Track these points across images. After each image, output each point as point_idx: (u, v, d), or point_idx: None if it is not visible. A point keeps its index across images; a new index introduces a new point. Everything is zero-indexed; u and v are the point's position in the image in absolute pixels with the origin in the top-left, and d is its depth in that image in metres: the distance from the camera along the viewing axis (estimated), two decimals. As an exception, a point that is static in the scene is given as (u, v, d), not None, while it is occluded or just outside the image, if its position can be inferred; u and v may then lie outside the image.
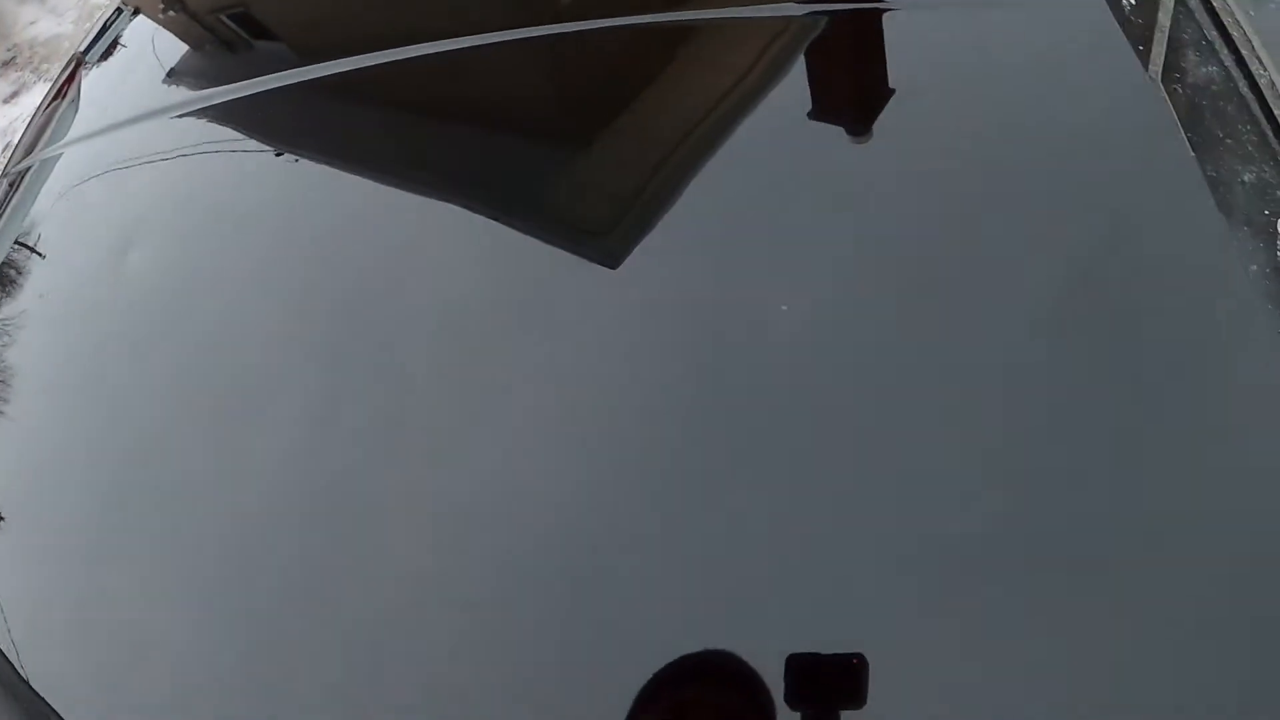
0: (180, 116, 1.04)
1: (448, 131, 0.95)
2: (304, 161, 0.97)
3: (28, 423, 0.85)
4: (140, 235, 0.94)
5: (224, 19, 1.33)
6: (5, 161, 1.36)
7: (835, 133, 0.76)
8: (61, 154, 1.14)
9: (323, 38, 1.19)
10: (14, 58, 3.81)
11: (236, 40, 1.30)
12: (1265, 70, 0.65)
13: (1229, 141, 0.63)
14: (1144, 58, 0.67)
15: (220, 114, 1.02)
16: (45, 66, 3.68)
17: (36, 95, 3.57)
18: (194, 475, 0.72)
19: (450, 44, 0.93)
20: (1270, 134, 0.63)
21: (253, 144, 1.00)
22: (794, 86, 0.78)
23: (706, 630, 0.55)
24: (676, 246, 0.71)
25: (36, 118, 1.34)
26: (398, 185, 0.90)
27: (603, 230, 0.78)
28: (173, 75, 1.23)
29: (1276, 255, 0.57)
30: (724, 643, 0.54)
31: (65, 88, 1.35)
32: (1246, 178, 0.61)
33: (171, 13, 1.40)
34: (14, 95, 3.63)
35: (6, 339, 0.94)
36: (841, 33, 0.83)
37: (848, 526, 0.56)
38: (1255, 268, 0.57)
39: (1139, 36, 0.69)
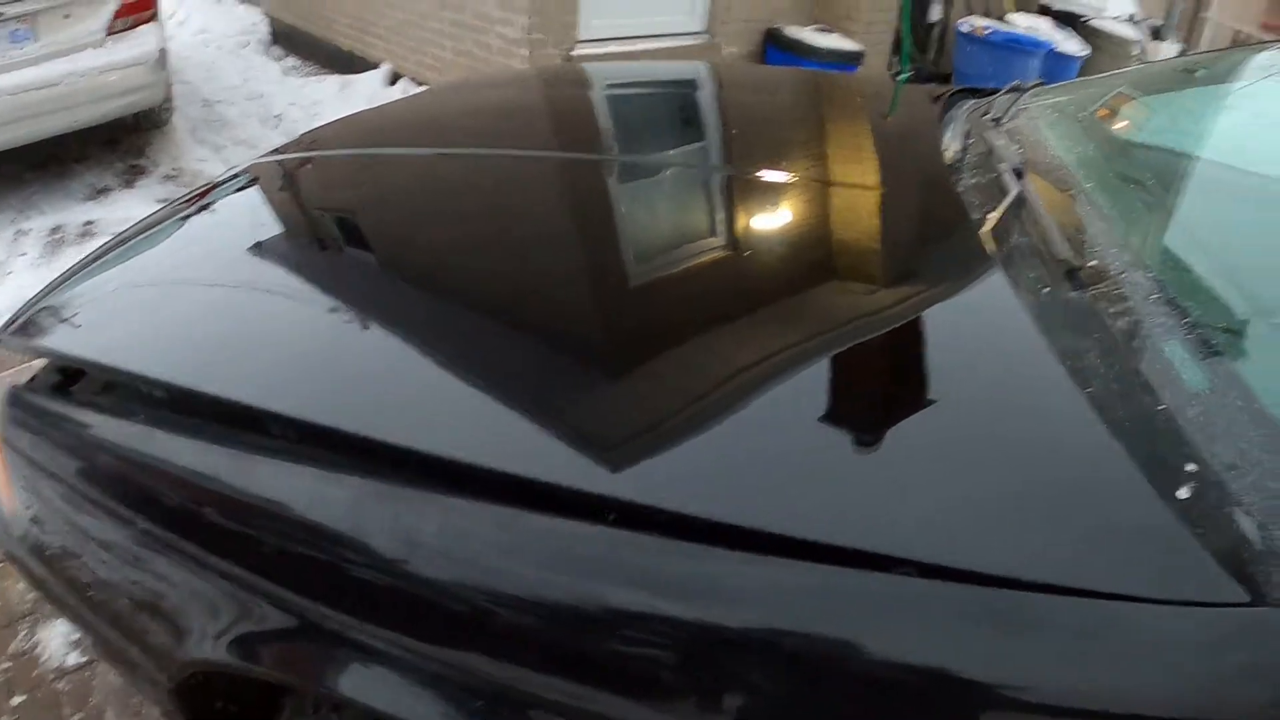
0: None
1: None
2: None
3: None
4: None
5: (322, 215, 1.86)
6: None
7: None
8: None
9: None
10: (177, 175, 4.74)
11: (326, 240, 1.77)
12: None
13: None
14: None
15: None
16: (194, 191, 4.57)
17: (175, 207, 4.41)
18: None
19: None
20: None
21: None
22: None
23: None
24: None
25: (162, 210, 1.99)
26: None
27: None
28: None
29: None
30: None
31: (195, 201, 2.00)
32: None
33: (283, 193, 2.04)
34: (162, 201, 4.49)
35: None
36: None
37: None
38: None
39: None
